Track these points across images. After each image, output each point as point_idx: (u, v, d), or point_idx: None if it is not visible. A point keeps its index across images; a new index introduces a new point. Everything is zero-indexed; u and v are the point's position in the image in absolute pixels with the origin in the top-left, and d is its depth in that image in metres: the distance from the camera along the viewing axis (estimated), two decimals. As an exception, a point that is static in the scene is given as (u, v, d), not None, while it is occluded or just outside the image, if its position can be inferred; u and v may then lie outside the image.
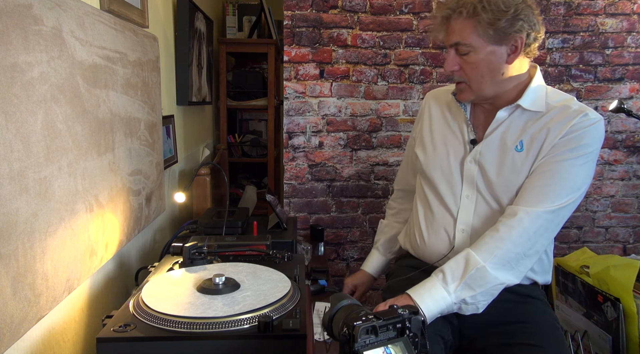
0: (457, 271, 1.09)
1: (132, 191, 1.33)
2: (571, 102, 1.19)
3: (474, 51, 1.14)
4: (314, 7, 2.37)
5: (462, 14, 1.11)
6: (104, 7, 1.20)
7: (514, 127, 1.20)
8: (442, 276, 1.10)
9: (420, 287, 1.10)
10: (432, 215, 1.31)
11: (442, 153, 1.30)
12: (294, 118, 2.44)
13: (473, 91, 1.19)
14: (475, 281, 1.08)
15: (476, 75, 1.16)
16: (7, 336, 0.77)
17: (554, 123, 1.15)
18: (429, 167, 1.32)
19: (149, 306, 0.84)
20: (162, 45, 1.73)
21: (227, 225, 1.44)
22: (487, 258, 1.09)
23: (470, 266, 1.09)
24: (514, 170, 1.18)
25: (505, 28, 1.10)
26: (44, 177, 0.87)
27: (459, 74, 1.19)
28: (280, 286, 0.93)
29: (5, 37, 0.76)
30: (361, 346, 0.66)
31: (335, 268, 2.57)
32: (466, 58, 1.15)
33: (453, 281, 1.09)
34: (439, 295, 1.08)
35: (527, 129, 1.18)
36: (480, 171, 1.22)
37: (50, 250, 0.90)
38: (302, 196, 2.50)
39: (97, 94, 1.10)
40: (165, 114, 1.77)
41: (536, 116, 1.19)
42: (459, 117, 1.30)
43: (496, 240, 1.11)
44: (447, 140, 1.31)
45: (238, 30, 2.94)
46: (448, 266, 1.11)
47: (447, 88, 1.40)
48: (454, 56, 1.18)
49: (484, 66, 1.15)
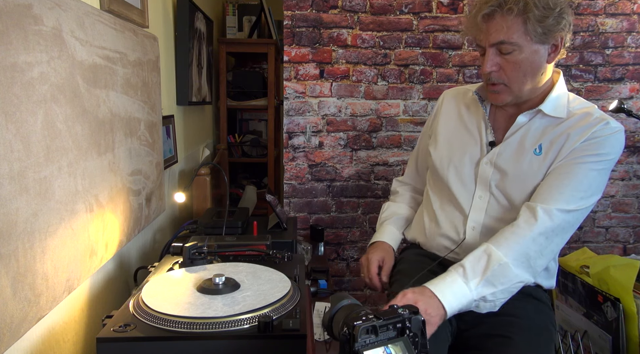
0: (477, 267, 1.07)
1: (132, 191, 1.33)
2: (593, 109, 1.18)
3: (518, 50, 1.10)
4: (314, 7, 2.37)
5: (511, 10, 1.07)
6: (104, 7, 1.20)
7: (533, 131, 1.19)
8: (463, 271, 1.07)
9: (441, 281, 1.06)
10: (443, 211, 1.30)
11: (458, 152, 1.29)
12: (294, 118, 2.44)
13: (512, 92, 1.16)
14: (497, 277, 1.06)
15: (518, 75, 1.13)
16: (7, 336, 0.77)
17: (575, 129, 1.15)
18: (443, 165, 1.30)
19: (149, 306, 0.84)
20: (162, 45, 1.73)
21: (227, 225, 1.44)
22: (508, 254, 1.07)
23: (492, 262, 1.06)
24: (530, 173, 1.17)
25: (552, 26, 1.07)
26: (44, 177, 0.87)
27: (498, 75, 1.15)
28: (280, 286, 0.93)
29: (5, 37, 0.76)
30: (361, 345, 0.66)
31: (335, 268, 2.57)
32: (508, 57, 1.11)
33: (474, 277, 1.06)
34: (461, 291, 1.05)
35: (546, 134, 1.18)
36: (495, 173, 1.21)
37: (50, 250, 0.90)
38: (302, 196, 2.50)
39: (97, 94, 1.10)
40: (165, 114, 1.77)
41: (556, 122, 1.18)
42: (478, 118, 1.28)
43: (517, 236, 1.09)
44: (463, 140, 1.29)
45: (238, 30, 2.94)
46: (468, 261, 1.08)
47: (465, 88, 1.39)
48: (494, 56, 1.13)
49: (527, 66, 1.12)
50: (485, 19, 1.10)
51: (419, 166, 1.49)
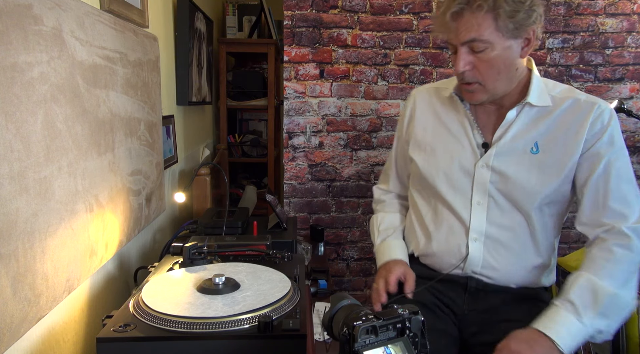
0: (587, 301, 1.01)
1: (132, 191, 1.33)
2: (574, 92, 1.16)
3: (490, 47, 1.06)
4: (314, 7, 2.37)
5: (481, 7, 1.03)
6: (104, 7, 1.20)
7: (525, 126, 1.15)
8: (572, 307, 1.00)
9: (550, 321, 1.00)
10: (439, 222, 1.24)
11: (444, 157, 1.22)
12: (294, 118, 2.44)
13: (487, 90, 1.12)
14: (611, 309, 1.01)
15: (492, 73, 1.09)
16: (7, 336, 0.77)
17: (571, 120, 1.12)
18: (431, 173, 1.24)
19: (149, 306, 0.84)
20: (162, 45, 1.73)
21: (227, 225, 1.44)
22: (614, 284, 1.02)
23: (600, 295, 1.01)
24: (532, 173, 1.13)
25: (524, 20, 1.04)
26: (44, 177, 0.87)
27: (472, 74, 1.10)
28: (280, 286, 0.93)
29: (5, 37, 0.76)
30: (361, 346, 0.66)
31: (335, 268, 2.57)
32: (481, 56, 1.07)
33: (586, 312, 1.00)
34: (575, 328, 0.99)
35: (539, 128, 1.14)
36: (494, 176, 1.16)
37: (50, 250, 0.90)
38: (302, 196, 2.50)
39: (97, 94, 1.10)
40: (165, 114, 1.77)
41: (545, 112, 1.14)
42: (460, 118, 1.22)
43: (615, 263, 1.04)
44: (448, 145, 1.23)
45: (238, 30, 2.94)
46: (574, 295, 1.02)
47: (434, 86, 1.32)
48: (466, 55, 1.08)
49: (500, 63, 1.08)
50: (454, 17, 1.06)
51: (400, 173, 1.40)
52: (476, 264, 1.18)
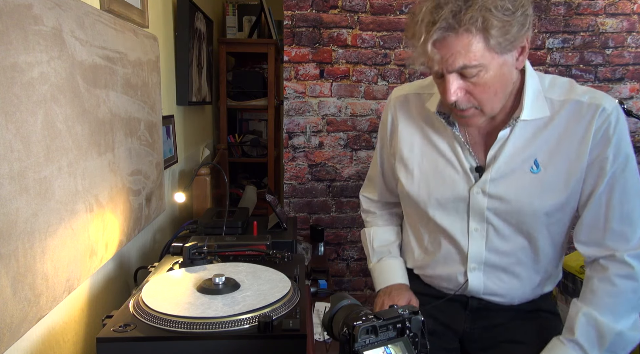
0: (593, 341, 0.98)
1: (132, 191, 1.33)
2: (574, 92, 1.02)
3: (484, 70, 0.91)
4: (314, 7, 2.37)
5: (469, 31, 0.87)
6: (104, 7, 1.20)
7: (521, 142, 1.03)
8: (579, 348, 0.99)
9: None
10: (437, 246, 1.16)
11: (436, 182, 1.11)
12: (294, 118, 2.44)
13: (486, 113, 0.99)
14: (617, 346, 0.98)
15: (489, 95, 0.95)
16: (7, 336, 0.77)
17: (573, 128, 1.00)
18: (423, 199, 1.13)
19: (149, 306, 0.84)
20: (162, 45, 1.73)
21: (227, 225, 1.44)
22: (617, 320, 0.98)
23: (607, 334, 0.97)
24: (535, 194, 1.03)
25: (517, 31, 0.90)
26: (44, 177, 0.87)
27: (466, 99, 0.96)
28: (280, 286, 0.93)
29: (5, 37, 0.76)
30: (361, 346, 0.66)
31: (335, 268, 2.57)
32: (475, 80, 0.93)
33: (593, 350, 0.98)
34: None
35: (537, 142, 1.02)
36: (492, 202, 1.06)
37: (50, 250, 0.90)
38: (302, 196, 2.50)
39: (97, 94, 1.10)
40: (165, 114, 1.77)
41: (542, 123, 1.02)
42: (448, 138, 1.10)
43: (617, 297, 0.99)
44: (439, 167, 1.11)
45: (238, 30, 2.94)
46: (582, 336, 0.99)
47: (414, 90, 1.17)
48: (456, 82, 0.93)
49: (496, 82, 0.94)
50: (436, 45, 0.90)
51: (387, 182, 1.28)
52: (477, 291, 1.13)
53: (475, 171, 1.08)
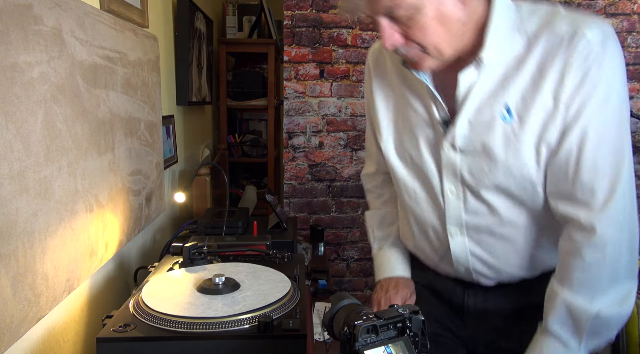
0: (569, 329, 0.87)
1: (132, 191, 1.33)
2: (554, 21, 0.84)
3: (416, 11, 0.78)
4: (314, 7, 2.37)
5: None
6: (104, 7, 1.20)
7: (490, 88, 0.88)
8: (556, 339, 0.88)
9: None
10: (415, 218, 1.05)
11: (408, 138, 1.00)
12: (294, 118, 2.44)
13: (434, 56, 0.85)
14: (599, 328, 0.86)
15: (430, 38, 0.82)
16: (7, 336, 0.77)
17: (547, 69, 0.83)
18: (396, 159, 1.03)
19: (149, 306, 0.84)
20: (162, 45, 1.73)
21: (227, 225, 1.44)
22: (592, 298, 0.85)
23: (583, 319, 0.86)
24: (510, 148, 0.87)
25: None
26: (44, 177, 0.87)
27: (407, 45, 0.84)
28: (280, 286, 0.93)
29: (5, 37, 0.76)
30: (362, 345, 0.66)
31: (335, 268, 2.57)
32: (410, 24, 0.80)
33: (573, 339, 0.87)
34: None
35: (509, 89, 0.86)
36: (464, 159, 0.92)
37: (50, 250, 0.90)
38: (302, 196, 2.50)
39: (97, 94, 1.10)
40: (165, 114, 1.77)
41: (515, 63, 0.86)
42: (419, 89, 0.96)
43: (587, 270, 0.86)
44: (410, 119, 0.99)
45: (238, 30, 2.95)
46: (556, 325, 0.88)
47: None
48: (389, 27, 0.82)
49: (436, 24, 0.81)
50: None
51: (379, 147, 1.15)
52: (464, 262, 1.00)
53: (444, 124, 0.94)
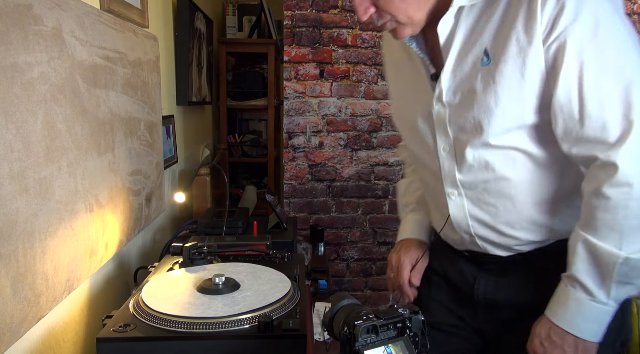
0: (594, 273, 0.81)
1: (132, 191, 1.33)
2: None
3: None
4: (314, 7, 2.37)
5: None
6: (104, 7, 1.20)
7: (467, 35, 0.86)
8: (581, 288, 0.82)
9: (562, 309, 0.84)
10: (425, 184, 1.05)
11: (409, 102, 1.01)
12: (294, 118, 2.44)
13: (406, 24, 0.86)
14: (629, 274, 0.79)
15: (399, 7, 0.83)
16: (7, 336, 0.77)
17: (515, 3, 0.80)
18: (400, 126, 1.05)
19: (149, 306, 0.84)
20: (162, 45, 1.73)
21: (227, 225, 1.44)
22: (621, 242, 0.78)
23: (610, 265, 0.79)
24: (490, 92, 0.83)
25: None
26: (44, 177, 0.87)
27: (379, 16, 0.86)
28: (280, 286, 0.93)
29: (5, 37, 0.76)
30: (362, 345, 0.66)
31: (335, 268, 2.57)
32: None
33: (600, 288, 0.81)
34: (595, 312, 0.82)
35: (484, 29, 0.84)
36: (450, 112, 0.91)
37: (50, 250, 0.90)
38: (302, 196, 2.50)
39: (97, 94, 1.10)
40: (165, 114, 1.77)
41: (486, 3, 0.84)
42: (413, 54, 0.96)
43: (613, 210, 0.78)
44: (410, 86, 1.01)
45: (238, 30, 2.95)
46: (582, 273, 0.82)
47: None
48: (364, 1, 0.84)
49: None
50: None
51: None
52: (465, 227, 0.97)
53: (431, 79, 0.93)
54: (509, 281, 0.99)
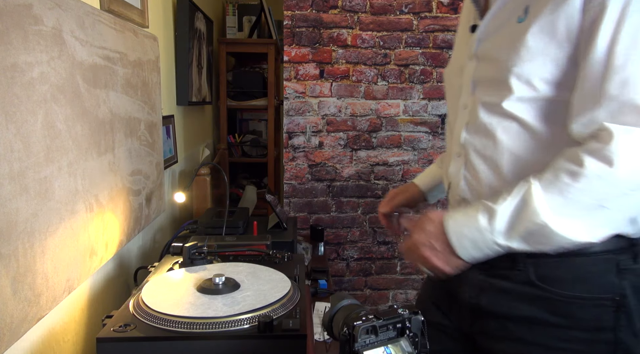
0: (510, 217, 0.77)
1: (132, 191, 1.33)
2: None
3: None
4: (314, 7, 2.37)
5: None
6: (104, 7, 1.20)
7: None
8: (490, 219, 0.78)
9: (461, 217, 0.81)
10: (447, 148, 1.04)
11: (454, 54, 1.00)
12: (294, 118, 2.44)
13: None
14: (534, 237, 0.76)
15: None
16: (7, 336, 0.77)
17: None
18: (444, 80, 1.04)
19: (149, 306, 0.84)
20: (162, 45, 1.73)
21: (227, 225, 1.44)
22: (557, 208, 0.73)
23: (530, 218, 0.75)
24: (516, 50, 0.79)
25: None
26: (44, 177, 0.87)
27: None
28: (280, 286, 0.93)
29: (5, 37, 0.76)
30: (361, 345, 0.66)
31: (335, 268, 2.57)
32: None
33: (503, 232, 0.77)
34: (481, 241, 0.79)
35: None
36: (478, 66, 0.88)
37: (50, 250, 0.90)
38: (302, 196, 2.50)
39: (97, 94, 1.10)
40: (165, 114, 1.77)
41: None
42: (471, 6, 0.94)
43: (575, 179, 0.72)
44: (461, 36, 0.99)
45: (238, 30, 2.95)
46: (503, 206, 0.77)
47: None
48: None
49: None
50: None
51: None
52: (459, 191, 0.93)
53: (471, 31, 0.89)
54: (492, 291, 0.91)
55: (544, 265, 0.83)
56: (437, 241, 0.82)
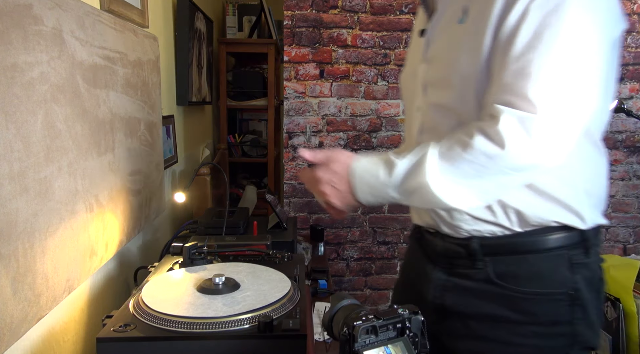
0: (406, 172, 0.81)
1: (132, 191, 1.33)
2: None
3: None
4: (314, 7, 2.37)
5: None
6: (104, 7, 1.20)
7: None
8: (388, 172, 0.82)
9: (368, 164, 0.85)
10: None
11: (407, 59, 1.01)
12: (294, 118, 2.44)
13: None
14: (415, 195, 0.81)
15: None
16: (7, 336, 0.77)
17: None
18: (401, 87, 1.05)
19: (149, 306, 0.84)
20: (162, 45, 1.73)
21: (227, 225, 1.44)
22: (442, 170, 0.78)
23: (417, 175, 0.79)
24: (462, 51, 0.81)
25: None
26: (44, 177, 0.87)
27: None
28: (280, 286, 0.93)
29: (5, 37, 0.76)
30: (361, 346, 0.66)
31: (335, 268, 2.57)
32: None
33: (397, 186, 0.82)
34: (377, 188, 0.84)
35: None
36: (428, 69, 0.90)
37: (50, 250, 0.90)
38: (302, 196, 2.50)
39: (97, 94, 1.10)
40: (165, 114, 1.77)
41: None
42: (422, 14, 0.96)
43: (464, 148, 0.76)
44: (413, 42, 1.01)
45: (238, 30, 2.94)
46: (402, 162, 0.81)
47: None
48: None
49: None
50: None
51: None
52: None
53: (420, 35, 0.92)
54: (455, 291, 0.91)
55: (501, 262, 0.86)
56: (340, 181, 0.88)
